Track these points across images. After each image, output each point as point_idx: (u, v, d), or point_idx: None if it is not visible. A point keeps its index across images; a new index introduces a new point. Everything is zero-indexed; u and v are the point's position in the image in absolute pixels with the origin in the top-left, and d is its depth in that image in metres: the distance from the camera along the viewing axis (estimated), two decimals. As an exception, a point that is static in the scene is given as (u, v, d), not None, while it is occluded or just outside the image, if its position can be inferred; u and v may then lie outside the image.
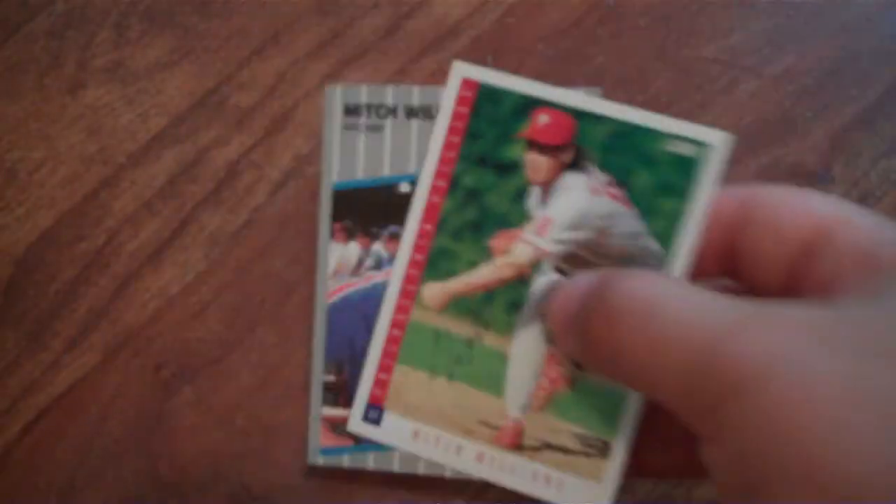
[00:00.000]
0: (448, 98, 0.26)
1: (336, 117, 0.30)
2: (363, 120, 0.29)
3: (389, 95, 0.30)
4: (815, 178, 0.36)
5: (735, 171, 0.36)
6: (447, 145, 0.26)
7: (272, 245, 0.34)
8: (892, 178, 0.37)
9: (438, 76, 0.37)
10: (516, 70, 0.37)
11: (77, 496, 0.31)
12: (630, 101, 0.37)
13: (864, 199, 0.36)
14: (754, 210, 0.20)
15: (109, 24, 0.37)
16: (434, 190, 0.26)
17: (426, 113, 0.29)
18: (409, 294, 0.27)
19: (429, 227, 0.26)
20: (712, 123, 0.37)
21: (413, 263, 0.26)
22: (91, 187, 0.35)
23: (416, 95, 0.29)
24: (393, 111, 0.30)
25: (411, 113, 0.30)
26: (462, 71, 0.26)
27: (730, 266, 0.21)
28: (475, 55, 0.37)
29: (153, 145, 0.36)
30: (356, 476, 0.32)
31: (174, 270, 0.34)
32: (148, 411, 0.32)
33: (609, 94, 0.37)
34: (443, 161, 0.26)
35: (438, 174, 0.26)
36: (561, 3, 0.39)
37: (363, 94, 0.30)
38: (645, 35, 0.38)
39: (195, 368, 0.33)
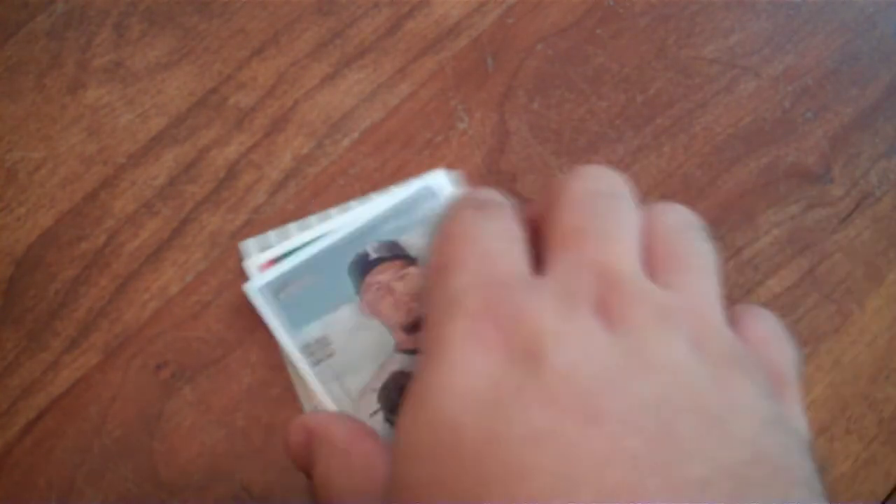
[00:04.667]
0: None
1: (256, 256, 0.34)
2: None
3: (293, 229, 0.34)
4: (814, 178, 0.36)
5: (736, 170, 0.36)
6: None
7: (272, 245, 0.34)
8: (892, 178, 0.37)
9: (438, 76, 0.37)
10: (516, 70, 0.37)
11: (77, 496, 0.31)
12: (630, 101, 0.37)
13: (863, 199, 0.36)
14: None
15: (109, 24, 0.37)
16: None
17: None
18: None
19: None
20: (712, 123, 0.38)
21: None
22: (91, 187, 0.35)
23: (313, 222, 0.34)
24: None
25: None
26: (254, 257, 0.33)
27: None
28: (475, 55, 0.37)
29: (153, 145, 0.36)
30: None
31: (174, 270, 0.34)
32: (148, 411, 0.32)
33: (609, 94, 0.37)
34: None
35: None
36: (561, 3, 0.39)
37: (273, 238, 0.34)
38: (645, 35, 0.38)
39: (195, 368, 0.33)
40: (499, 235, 0.21)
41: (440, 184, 0.30)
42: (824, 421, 0.33)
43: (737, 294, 0.34)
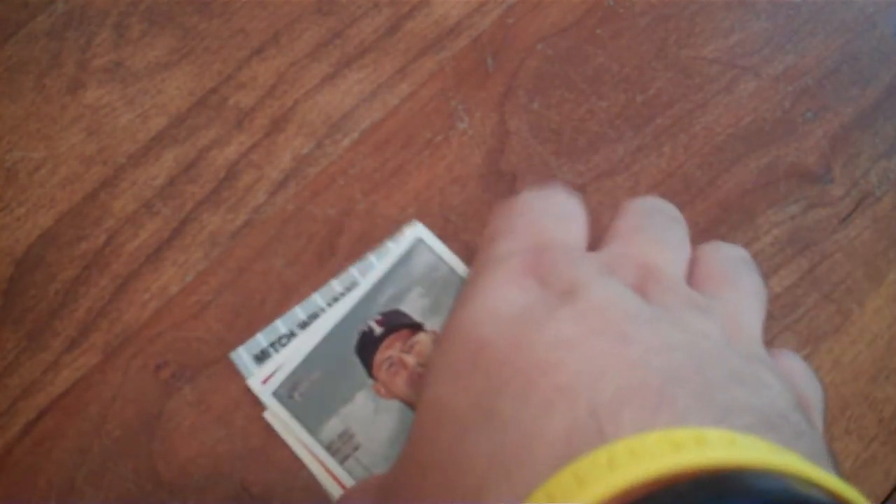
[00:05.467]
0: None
1: (252, 369, 0.32)
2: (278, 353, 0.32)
3: (281, 325, 0.33)
4: (814, 178, 0.36)
5: (736, 170, 0.36)
6: None
7: (272, 245, 0.34)
8: (892, 178, 0.37)
9: (438, 76, 0.37)
10: (516, 70, 0.37)
11: (77, 496, 0.31)
12: (630, 101, 0.37)
13: (863, 199, 0.36)
14: None
15: (109, 24, 0.37)
16: None
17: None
18: None
19: None
20: (712, 123, 0.38)
21: None
22: (91, 187, 0.35)
23: (299, 314, 0.33)
24: (291, 333, 0.32)
25: (304, 325, 0.33)
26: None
27: None
28: (475, 55, 0.37)
29: (153, 145, 0.36)
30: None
31: (174, 270, 0.34)
32: (148, 411, 0.32)
33: (609, 94, 0.37)
34: None
35: None
36: (561, 3, 0.39)
37: (262, 340, 0.32)
38: (645, 35, 0.38)
39: (195, 368, 0.33)
40: (554, 213, 0.21)
41: (425, 234, 0.29)
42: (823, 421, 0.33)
43: (737, 294, 0.35)
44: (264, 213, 0.35)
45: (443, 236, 0.34)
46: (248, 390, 0.33)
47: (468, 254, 0.34)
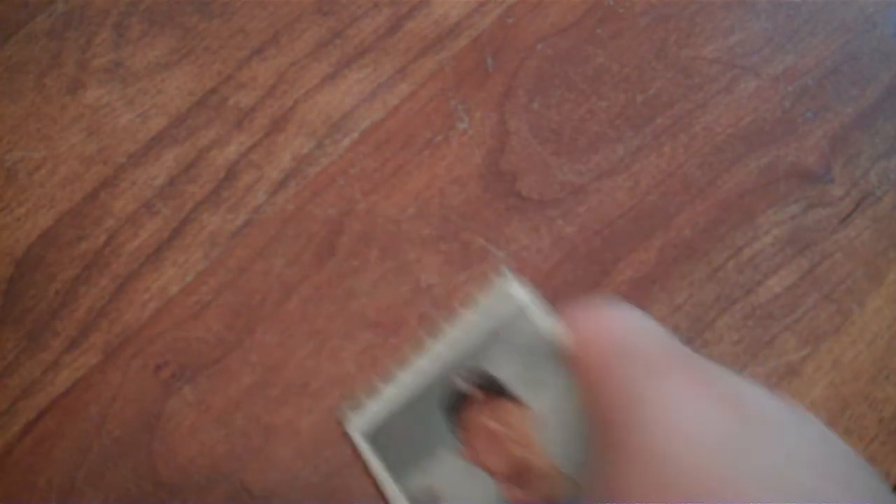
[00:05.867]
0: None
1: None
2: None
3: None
4: (814, 178, 0.36)
5: (736, 170, 0.36)
6: None
7: (272, 245, 0.34)
8: (892, 178, 0.37)
9: (438, 76, 0.37)
10: (516, 70, 0.37)
11: (77, 496, 0.31)
12: (630, 101, 0.37)
13: (863, 199, 0.36)
14: None
15: (109, 24, 0.37)
16: None
17: None
18: None
19: None
20: (712, 123, 0.38)
21: None
22: (91, 187, 0.35)
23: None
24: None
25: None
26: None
27: None
28: (475, 55, 0.37)
29: (153, 145, 0.36)
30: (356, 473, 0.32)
31: (174, 270, 0.34)
32: (148, 411, 0.32)
33: (609, 94, 0.37)
34: None
35: None
36: (561, 3, 0.39)
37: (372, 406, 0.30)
38: (645, 35, 0.38)
39: (195, 368, 0.33)
40: (648, 321, 0.23)
41: (522, 301, 0.28)
42: (824, 421, 0.33)
43: (737, 294, 0.35)
44: (264, 213, 0.35)
45: (443, 236, 0.34)
46: (248, 390, 0.33)
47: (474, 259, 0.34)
